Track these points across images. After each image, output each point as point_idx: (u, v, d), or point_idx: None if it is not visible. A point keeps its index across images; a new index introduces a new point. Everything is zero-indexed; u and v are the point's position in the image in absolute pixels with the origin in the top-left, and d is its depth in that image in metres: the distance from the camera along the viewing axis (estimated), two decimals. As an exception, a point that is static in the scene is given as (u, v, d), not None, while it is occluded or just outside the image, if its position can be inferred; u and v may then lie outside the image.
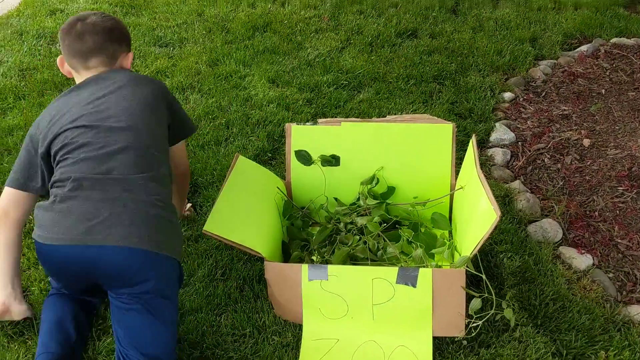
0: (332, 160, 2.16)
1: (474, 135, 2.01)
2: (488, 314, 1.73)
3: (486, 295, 1.73)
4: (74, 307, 1.75)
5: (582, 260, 2.09)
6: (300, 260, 1.99)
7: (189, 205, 2.25)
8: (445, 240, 2.04)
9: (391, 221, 2.10)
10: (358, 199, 2.17)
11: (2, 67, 3.15)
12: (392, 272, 1.69)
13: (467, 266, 1.70)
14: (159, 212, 1.59)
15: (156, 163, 1.66)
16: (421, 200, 2.13)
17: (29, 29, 3.49)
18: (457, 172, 2.13)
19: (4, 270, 1.72)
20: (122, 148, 1.61)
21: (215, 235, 1.72)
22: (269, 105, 2.86)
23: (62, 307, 1.74)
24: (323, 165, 2.17)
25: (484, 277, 1.73)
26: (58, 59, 1.82)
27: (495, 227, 1.61)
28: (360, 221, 2.07)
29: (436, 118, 2.12)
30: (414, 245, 2.01)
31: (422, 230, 2.09)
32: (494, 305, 1.74)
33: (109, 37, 1.76)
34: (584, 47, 3.39)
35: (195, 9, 3.75)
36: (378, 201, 2.11)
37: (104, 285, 1.62)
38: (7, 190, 1.74)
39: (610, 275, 2.07)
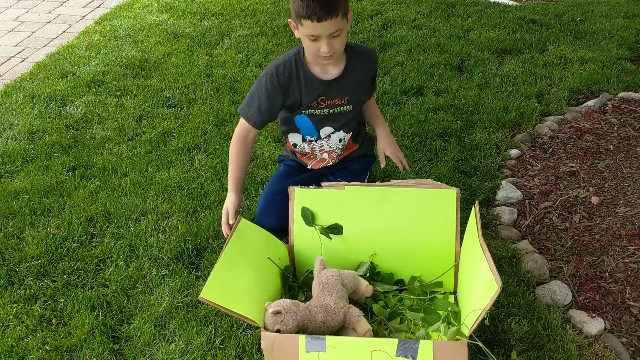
0: (334, 230, 2.14)
1: (476, 201, 1.98)
2: (494, 385, 1.67)
3: (491, 366, 1.68)
4: None
5: (593, 325, 2.02)
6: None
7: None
8: (451, 309, 1.99)
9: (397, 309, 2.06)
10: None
11: (12, 130, 3.20)
12: (391, 344, 1.64)
13: (469, 337, 1.64)
14: None
15: None
16: (424, 274, 2.11)
17: (40, 92, 3.56)
18: (462, 235, 2.09)
19: None
20: None
21: (212, 302, 1.69)
22: (274, 165, 2.86)
23: None
24: (322, 234, 2.14)
25: (487, 350, 1.67)
26: None
27: (498, 296, 1.57)
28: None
29: (440, 183, 2.09)
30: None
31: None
32: (500, 376, 1.68)
33: None
34: (590, 102, 3.37)
35: (204, 70, 3.80)
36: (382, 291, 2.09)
37: None
38: None
39: (623, 340, 1.99)
